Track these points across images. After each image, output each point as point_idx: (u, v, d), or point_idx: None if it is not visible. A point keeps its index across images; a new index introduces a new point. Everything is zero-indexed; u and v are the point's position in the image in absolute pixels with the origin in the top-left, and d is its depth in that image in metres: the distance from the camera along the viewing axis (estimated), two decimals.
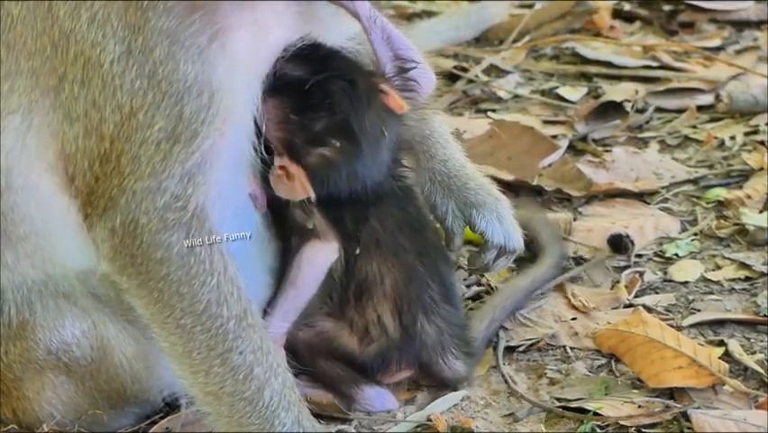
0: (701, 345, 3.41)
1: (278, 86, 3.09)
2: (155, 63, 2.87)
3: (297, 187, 3.13)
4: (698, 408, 3.20)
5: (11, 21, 2.99)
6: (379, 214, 3.25)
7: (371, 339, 3.26)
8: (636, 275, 3.87)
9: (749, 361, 3.39)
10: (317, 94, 3.12)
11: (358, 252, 3.22)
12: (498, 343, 3.53)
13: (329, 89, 3.14)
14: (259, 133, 3.08)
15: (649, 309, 3.62)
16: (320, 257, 3.22)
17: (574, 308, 3.69)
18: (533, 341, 3.56)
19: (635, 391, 3.31)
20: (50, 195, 3.02)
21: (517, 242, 3.44)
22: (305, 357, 3.28)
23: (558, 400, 3.31)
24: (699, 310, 3.68)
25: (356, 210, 3.23)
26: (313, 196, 3.13)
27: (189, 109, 2.88)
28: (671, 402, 3.22)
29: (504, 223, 3.42)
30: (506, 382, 3.39)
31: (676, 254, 3.98)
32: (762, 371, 3.34)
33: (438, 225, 3.45)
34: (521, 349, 3.55)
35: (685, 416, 3.17)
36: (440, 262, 3.37)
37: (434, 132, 3.49)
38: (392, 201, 3.29)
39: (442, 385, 3.37)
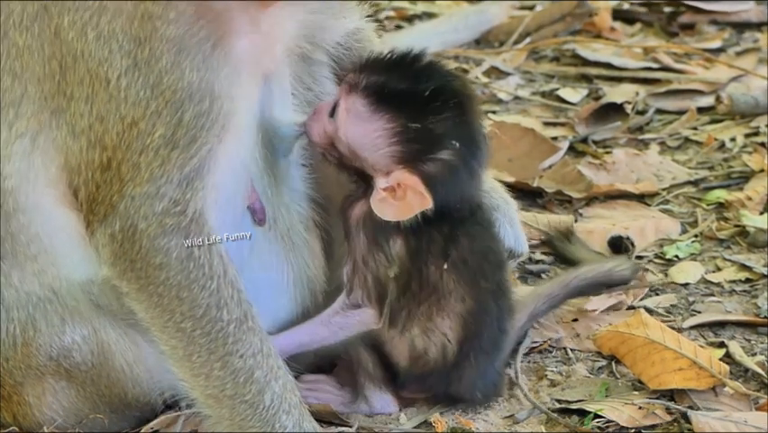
0: (702, 346, 3.41)
1: (384, 99, 3.05)
2: (160, 73, 2.87)
3: (410, 201, 3.04)
4: (698, 409, 3.20)
5: (16, 50, 2.97)
6: (467, 234, 3.16)
7: (425, 362, 3.20)
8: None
9: (749, 362, 3.38)
10: (436, 99, 3.05)
11: (446, 267, 3.12)
12: None
13: (451, 90, 3.09)
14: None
15: (650, 311, 3.62)
16: (356, 326, 3.18)
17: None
18: (536, 344, 3.56)
19: (635, 392, 3.31)
20: (53, 210, 3.02)
21: (524, 246, 3.51)
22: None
23: (558, 401, 3.31)
24: (699, 312, 3.69)
25: (445, 229, 3.13)
26: (431, 205, 3.03)
27: (189, 115, 2.88)
28: (671, 404, 3.22)
29: (514, 227, 3.49)
30: (506, 383, 3.39)
31: (677, 256, 3.99)
32: (762, 372, 3.34)
33: None
34: (523, 351, 3.55)
35: (685, 417, 3.17)
36: (506, 305, 3.27)
37: None
38: (478, 230, 3.21)
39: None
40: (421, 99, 3.05)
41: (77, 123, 2.94)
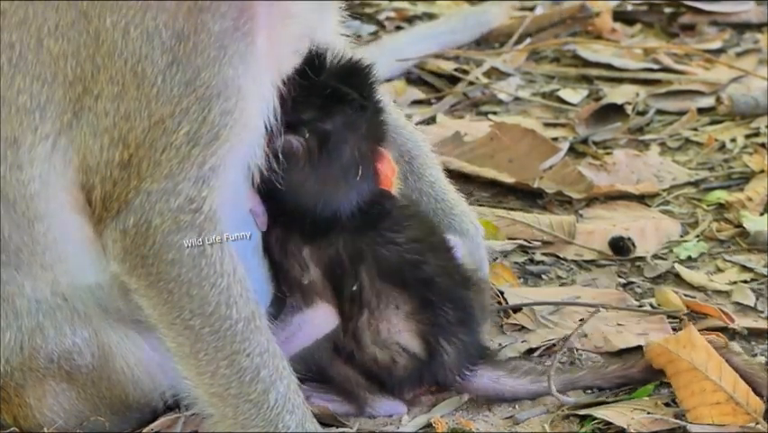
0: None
1: (298, 72, 3.11)
2: (198, 69, 2.89)
3: None
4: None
5: (50, 57, 2.95)
6: (374, 254, 3.20)
7: (399, 368, 3.23)
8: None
9: None
10: (331, 94, 3.13)
11: (355, 288, 3.17)
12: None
13: (342, 97, 3.15)
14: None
15: (651, 312, 3.62)
16: (319, 327, 3.21)
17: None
18: (542, 344, 3.56)
19: (645, 398, 3.28)
20: (67, 216, 3.01)
21: (486, 272, 3.58)
22: (322, 358, 3.25)
23: (561, 403, 3.30)
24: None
25: (353, 250, 3.19)
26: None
27: (215, 112, 2.90)
28: (672, 415, 3.19)
29: (480, 252, 3.56)
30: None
31: (678, 257, 3.99)
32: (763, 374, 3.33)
33: None
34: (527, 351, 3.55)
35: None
36: (453, 285, 3.28)
37: (421, 151, 3.56)
38: (388, 237, 3.23)
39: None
40: (317, 85, 3.12)
41: (100, 122, 2.94)
